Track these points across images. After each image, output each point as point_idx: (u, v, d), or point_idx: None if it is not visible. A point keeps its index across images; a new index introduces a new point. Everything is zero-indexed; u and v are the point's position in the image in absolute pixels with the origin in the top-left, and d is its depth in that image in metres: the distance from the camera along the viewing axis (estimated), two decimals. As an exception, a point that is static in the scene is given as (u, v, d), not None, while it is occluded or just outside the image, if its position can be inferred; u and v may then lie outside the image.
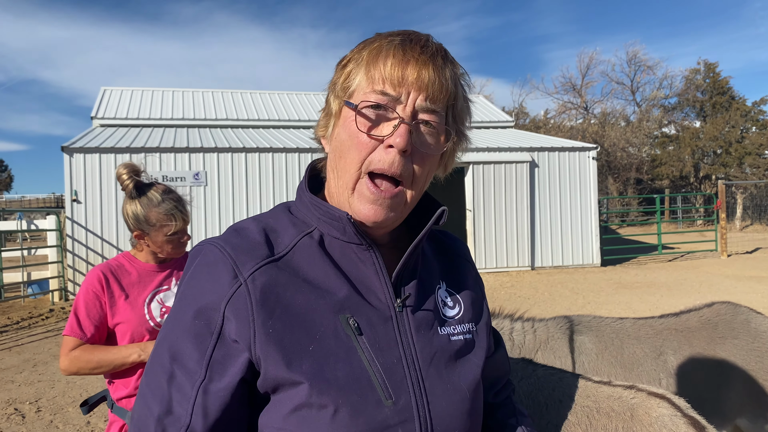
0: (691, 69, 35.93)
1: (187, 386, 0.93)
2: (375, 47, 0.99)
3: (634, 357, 2.38)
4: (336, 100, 1.03)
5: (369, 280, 1.02)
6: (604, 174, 32.39)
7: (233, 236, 1.02)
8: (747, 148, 30.72)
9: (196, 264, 1.01)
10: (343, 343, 0.96)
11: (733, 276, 12.98)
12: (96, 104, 18.46)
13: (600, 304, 10.11)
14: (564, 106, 40.20)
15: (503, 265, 14.70)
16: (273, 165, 13.61)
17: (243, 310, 0.93)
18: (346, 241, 1.03)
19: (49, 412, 5.48)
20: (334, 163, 1.04)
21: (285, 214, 1.09)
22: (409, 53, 0.97)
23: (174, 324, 0.98)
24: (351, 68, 1.01)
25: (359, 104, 0.98)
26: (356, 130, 0.98)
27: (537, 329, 2.43)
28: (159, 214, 2.30)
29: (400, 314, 1.02)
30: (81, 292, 2.29)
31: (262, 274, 0.96)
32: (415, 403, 0.97)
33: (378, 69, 0.97)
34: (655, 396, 1.42)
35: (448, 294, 1.15)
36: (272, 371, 0.92)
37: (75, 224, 12.28)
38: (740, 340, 2.44)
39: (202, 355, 0.93)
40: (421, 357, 1.01)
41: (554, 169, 15.28)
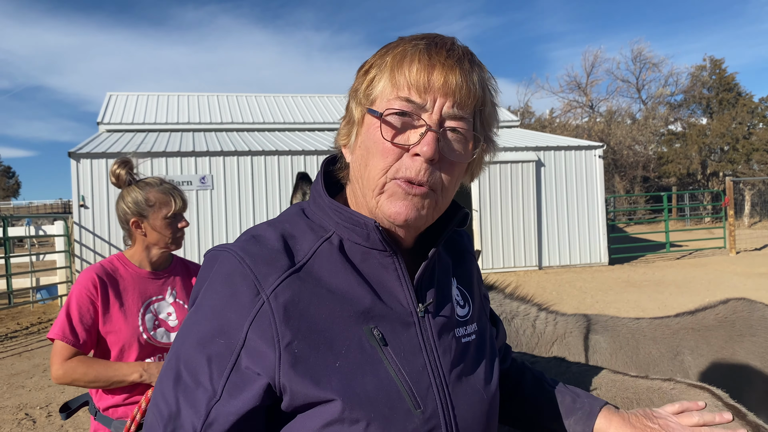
0: (696, 66, 35.88)
1: (201, 403, 0.90)
2: (399, 52, 0.96)
3: (650, 357, 2.36)
4: (358, 107, 1.00)
5: (391, 286, 1.00)
6: (611, 172, 32.29)
7: (251, 244, 0.98)
8: (754, 144, 30.58)
9: (213, 273, 0.97)
10: (368, 355, 0.94)
11: (742, 273, 12.91)
12: (102, 110, 18.55)
13: (608, 303, 10.06)
14: (569, 105, 40.12)
15: (510, 264, 14.66)
16: (279, 168, 13.62)
17: (267, 330, 0.90)
18: (369, 247, 1.00)
19: (60, 416, 5.49)
20: (358, 171, 1.00)
21: (301, 218, 1.05)
22: (435, 57, 0.94)
23: (192, 338, 0.94)
24: (374, 74, 0.98)
25: (384, 112, 0.94)
26: (381, 138, 0.94)
27: (558, 323, 2.46)
28: (158, 193, 2.27)
29: (423, 320, 1.01)
30: (74, 294, 2.21)
31: (284, 288, 0.93)
32: (442, 409, 0.96)
33: (402, 74, 0.94)
34: (696, 387, 1.41)
35: (459, 292, 1.14)
36: (301, 393, 0.90)
37: (83, 229, 12.33)
38: (759, 337, 2.41)
39: (220, 375, 0.90)
40: (443, 362, 1.00)
41: (560, 168, 15.24)
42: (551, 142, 16.03)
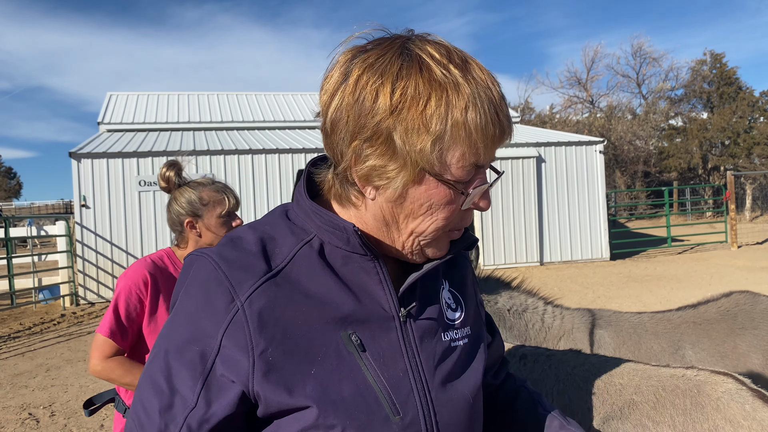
0: (697, 60, 35.81)
1: (178, 411, 0.90)
2: (470, 119, 0.88)
3: (651, 352, 2.36)
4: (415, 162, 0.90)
5: (372, 290, 0.98)
6: (612, 168, 32.26)
7: (228, 249, 0.97)
8: (755, 138, 30.53)
9: (190, 278, 0.97)
10: (345, 361, 0.93)
11: (744, 267, 12.90)
12: (102, 110, 18.55)
13: (610, 298, 10.06)
14: (570, 101, 40.08)
15: (512, 261, 14.66)
16: (280, 166, 13.62)
17: (241, 338, 0.89)
18: (349, 251, 0.97)
19: (63, 416, 5.51)
20: (396, 217, 0.96)
21: (283, 219, 1.03)
22: (500, 128, 0.92)
23: (169, 343, 0.94)
24: (439, 131, 0.88)
25: (470, 193, 0.93)
26: (450, 200, 0.93)
27: (564, 317, 2.48)
28: (211, 192, 2.28)
29: (405, 324, 0.99)
30: (123, 290, 2.19)
31: (259, 295, 0.91)
32: (423, 416, 0.95)
33: (478, 147, 0.90)
34: (719, 373, 1.43)
35: (451, 294, 1.12)
36: (275, 401, 0.90)
37: (84, 229, 12.34)
38: (761, 330, 2.41)
39: (194, 383, 0.90)
40: (426, 367, 0.98)
41: (561, 163, 15.23)
42: (552, 137, 16.01)
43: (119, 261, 12.50)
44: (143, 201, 12.70)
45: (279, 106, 20.30)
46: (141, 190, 12.69)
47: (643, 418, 1.42)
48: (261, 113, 19.38)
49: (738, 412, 1.31)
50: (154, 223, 12.70)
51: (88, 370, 2.17)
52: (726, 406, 1.33)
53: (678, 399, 1.41)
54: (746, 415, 1.29)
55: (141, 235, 12.63)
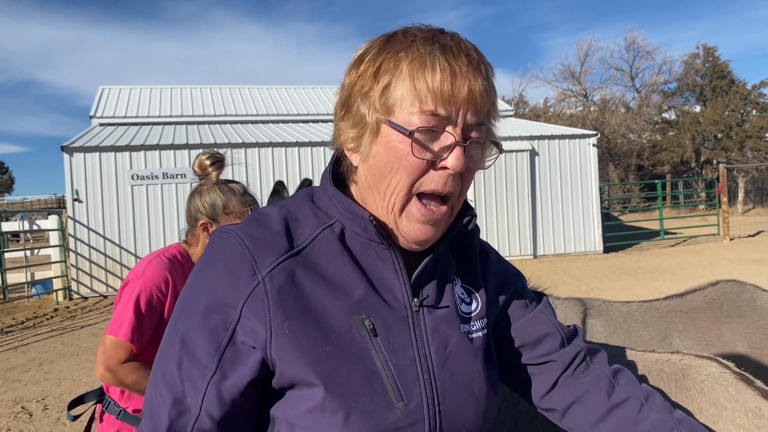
0: (690, 53, 35.89)
1: (198, 379, 0.93)
2: (415, 59, 0.92)
3: (641, 340, 2.38)
4: (373, 113, 0.95)
5: (387, 279, 1.01)
6: (605, 161, 32.34)
7: (254, 226, 1.00)
8: (748, 131, 30.66)
9: (213, 252, 0.99)
10: (357, 344, 0.95)
11: (736, 260, 12.98)
12: (95, 103, 18.47)
13: (603, 291, 10.11)
14: (563, 94, 40.11)
15: (505, 254, 14.69)
16: (273, 160, 13.60)
17: (260, 309, 0.93)
18: (368, 238, 1.00)
19: (56, 410, 5.51)
20: (372, 181, 0.98)
21: (308, 202, 1.06)
22: (456, 65, 0.91)
23: (188, 313, 0.97)
24: (388, 80, 0.93)
25: (413, 130, 0.91)
26: (408, 153, 0.92)
27: (556, 308, 2.47)
28: (238, 204, 2.23)
29: (417, 314, 1.01)
30: (143, 290, 2.07)
31: (280, 271, 0.95)
32: (426, 404, 0.96)
33: (425, 85, 0.91)
34: (703, 357, 1.46)
35: (465, 290, 1.13)
36: (288, 371, 0.92)
37: (77, 223, 12.30)
38: (745, 318, 2.43)
39: (215, 350, 0.93)
40: (435, 357, 1.00)
41: (555, 157, 15.26)
42: (545, 131, 16.04)
43: (112, 255, 12.47)
44: (136, 195, 12.66)
45: (272, 100, 20.25)
46: (134, 184, 12.65)
47: None
48: (254, 107, 19.33)
49: (722, 395, 1.33)
50: (147, 217, 12.67)
51: (95, 374, 2.05)
52: (710, 389, 1.35)
53: (663, 382, 1.43)
54: (730, 397, 1.32)
55: (134, 229, 12.60)
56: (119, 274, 12.49)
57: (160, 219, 12.73)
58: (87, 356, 7.46)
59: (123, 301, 2.09)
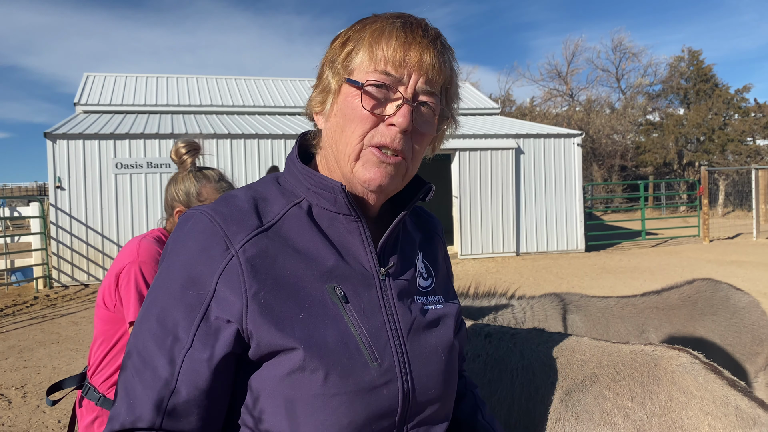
0: (675, 56, 36.22)
1: (175, 352, 0.95)
2: (377, 28, 1.02)
3: (619, 335, 2.44)
4: (335, 77, 1.05)
5: (355, 250, 1.06)
6: (589, 161, 32.60)
7: (223, 205, 1.04)
8: (729, 135, 31.05)
9: (185, 231, 1.03)
10: (330, 310, 1.00)
11: (714, 261, 13.18)
12: (79, 91, 18.26)
13: (584, 289, 10.22)
14: (550, 93, 40.34)
15: (489, 250, 14.79)
16: (258, 151, 13.56)
17: (235, 281, 0.96)
18: (335, 211, 1.06)
19: (36, 397, 5.48)
20: (332, 137, 1.06)
21: (274, 184, 1.11)
22: (411, 36, 1.00)
23: (163, 289, 0.99)
24: (352, 47, 1.03)
25: (365, 83, 1.00)
26: (360, 105, 1.00)
27: (534, 306, 2.51)
28: (211, 191, 2.24)
29: (384, 282, 1.07)
30: (142, 267, 2.09)
31: (252, 245, 0.99)
32: (398, 365, 1.02)
33: (381, 49, 1.00)
34: (674, 348, 1.52)
35: (424, 266, 1.20)
36: (265, 339, 0.95)
37: (59, 211, 12.19)
38: (719, 316, 2.50)
39: (190, 324, 0.96)
40: (402, 322, 1.06)
41: (539, 155, 15.37)
42: (531, 129, 16.14)
43: (94, 244, 12.37)
44: (119, 183, 12.57)
45: (259, 91, 20.16)
46: (117, 172, 12.56)
47: (604, 390, 1.49)
48: (241, 98, 19.24)
49: (691, 384, 1.38)
50: (131, 205, 12.58)
51: None
52: (680, 378, 1.41)
53: (636, 372, 1.48)
54: (699, 386, 1.37)
55: (117, 217, 12.51)
56: (101, 263, 12.40)
57: (143, 208, 12.65)
58: (67, 345, 7.41)
59: (127, 287, 2.10)
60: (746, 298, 2.60)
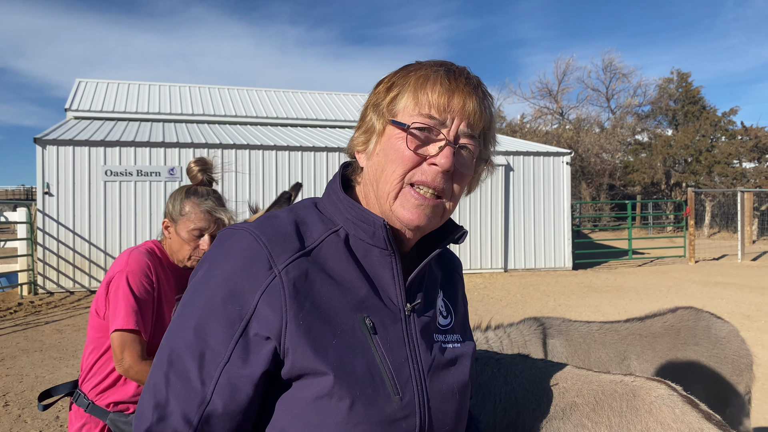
0: (664, 78, 36.66)
1: (212, 366, 0.97)
2: (422, 74, 1.07)
3: (600, 361, 2.46)
4: (380, 119, 1.09)
5: (386, 283, 1.10)
6: (578, 179, 32.82)
7: (267, 225, 1.07)
8: (716, 157, 31.40)
9: (227, 246, 1.05)
10: (359, 340, 1.03)
11: (699, 282, 13.29)
12: (70, 96, 18.21)
13: (570, 307, 10.28)
14: (540, 111, 40.65)
15: (477, 266, 14.84)
16: (250, 162, 13.57)
17: (276, 301, 0.99)
18: (371, 244, 1.09)
19: (17, 406, 5.42)
20: (374, 175, 1.10)
21: (313, 209, 1.15)
22: (454, 83, 1.06)
23: (202, 302, 1.01)
24: (397, 92, 1.08)
25: (410, 124, 1.05)
26: (403, 146, 1.05)
27: (511, 334, 2.48)
28: (194, 207, 2.25)
29: (409, 318, 1.10)
30: (131, 278, 2.10)
31: (294, 267, 1.02)
32: (418, 400, 1.05)
33: (426, 94, 1.05)
34: (654, 380, 1.56)
35: (444, 304, 1.23)
36: (300, 360, 0.98)
37: (46, 217, 12.11)
38: (701, 346, 2.54)
39: (230, 339, 0.98)
40: (424, 359, 1.09)
41: (529, 173, 15.48)
42: (521, 147, 16.26)
43: (81, 251, 12.29)
44: (109, 191, 12.52)
45: (252, 102, 20.19)
46: (107, 179, 12.51)
47: (583, 419, 1.52)
48: (233, 108, 19.25)
49: (668, 415, 1.42)
50: (119, 213, 12.52)
51: (120, 370, 2.05)
52: (658, 410, 1.44)
53: (615, 402, 1.51)
54: (675, 418, 1.41)
55: (105, 225, 12.44)
56: (87, 271, 12.31)
57: (132, 216, 12.60)
58: (50, 353, 7.35)
59: (115, 295, 2.12)
60: (726, 327, 2.64)
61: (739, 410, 2.55)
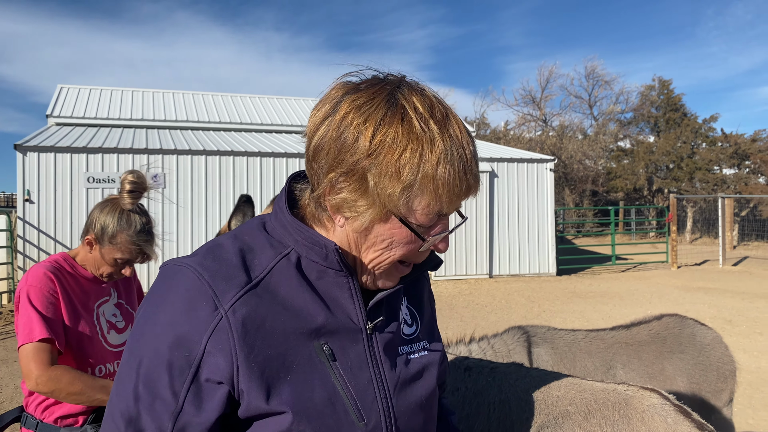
0: (646, 85, 37.02)
1: (164, 417, 0.93)
2: (438, 163, 0.93)
3: (585, 370, 2.46)
4: (390, 203, 0.95)
5: (344, 303, 1.05)
6: (561, 185, 33.05)
7: (210, 260, 1.00)
8: (697, 163, 31.77)
9: (170, 286, 0.99)
10: (317, 369, 0.99)
11: (682, 287, 13.42)
12: (52, 102, 18.01)
13: (555, 313, 10.32)
14: (524, 118, 40.91)
15: (462, 272, 14.87)
16: (234, 169, 13.50)
17: (225, 343, 0.94)
18: (325, 266, 1.03)
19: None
20: (358, 242, 1.03)
21: (261, 232, 1.08)
22: (470, 177, 0.97)
23: (148, 350, 0.96)
24: (411, 181, 0.93)
25: (428, 239, 1.00)
26: (410, 239, 1.00)
27: (494, 345, 2.47)
28: (126, 240, 2.15)
29: (371, 336, 1.06)
30: (32, 291, 2.03)
31: (242, 304, 0.96)
32: (384, 422, 1.03)
33: (449, 197, 0.96)
34: (646, 389, 1.56)
35: (408, 311, 1.20)
36: (255, 402, 0.95)
37: (27, 225, 11.95)
38: (686, 354, 2.55)
39: (180, 387, 0.93)
40: (389, 377, 1.06)
41: (513, 179, 15.56)
42: (505, 153, 16.35)
43: (63, 259, 12.12)
44: (91, 198, 12.38)
45: (237, 108, 20.11)
46: (89, 186, 12.38)
47: (575, 428, 1.52)
48: (218, 114, 19.16)
49: (660, 425, 1.42)
50: (102, 221, 12.37)
51: (29, 387, 1.98)
52: (650, 419, 1.45)
53: (608, 411, 1.52)
54: (668, 427, 1.41)
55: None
56: (69, 279, 12.14)
57: (114, 224, 12.45)
58: (31, 363, 7.22)
59: (18, 313, 2.06)
60: (711, 334, 2.66)
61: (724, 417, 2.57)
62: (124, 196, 2.16)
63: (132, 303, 2.43)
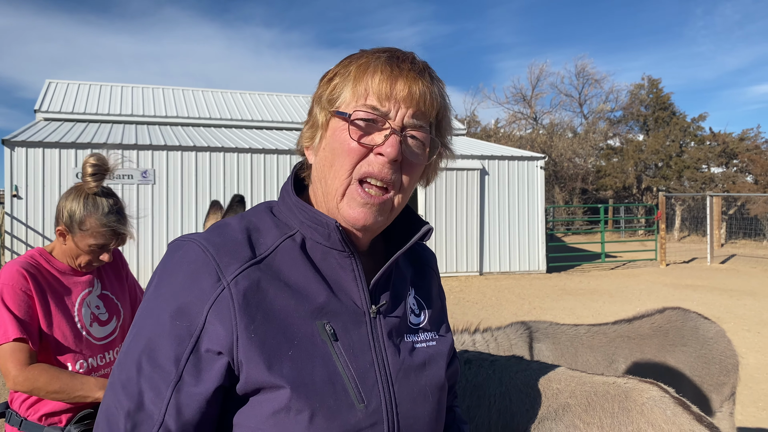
0: (635, 84, 37.26)
1: (162, 386, 0.93)
2: (362, 63, 1.02)
3: (587, 365, 2.46)
4: (323, 111, 1.05)
5: (347, 285, 1.05)
6: (551, 183, 33.19)
7: (216, 234, 1.02)
8: (686, 161, 32.01)
9: (175, 260, 1.00)
10: (319, 348, 0.99)
11: (670, 284, 13.51)
12: (40, 97, 17.86)
13: (545, 310, 10.36)
14: (514, 116, 41.03)
15: (452, 270, 14.90)
16: (225, 165, 13.44)
17: (226, 314, 0.94)
18: (329, 246, 1.04)
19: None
20: (321, 172, 1.05)
21: (268, 214, 1.10)
22: (397, 69, 1.00)
23: (151, 321, 0.97)
24: (337, 82, 1.03)
25: (352, 114, 0.99)
26: (347, 138, 1.00)
27: (497, 338, 2.48)
28: (96, 224, 2.09)
29: (374, 320, 1.06)
30: (2, 290, 1.97)
31: (244, 277, 0.97)
32: (385, 406, 1.01)
33: (366, 83, 1.00)
34: (646, 382, 1.57)
35: (416, 302, 1.19)
36: (254, 375, 0.94)
37: (15, 220, 11.84)
38: (689, 347, 2.56)
39: (179, 357, 0.93)
40: (391, 362, 1.05)
41: (503, 177, 15.60)
42: (496, 151, 16.39)
43: (51, 255, 12.03)
44: (80, 194, 12.27)
45: (227, 104, 20.02)
46: (78, 182, 12.26)
47: (575, 420, 1.52)
48: (208, 110, 19.07)
49: (660, 417, 1.43)
50: (91, 217, 12.28)
51: (11, 385, 1.94)
52: (650, 411, 1.45)
53: (607, 403, 1.52)
54: (667, 419, 1.42)
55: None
56: (57, 275, 12.05)
57: (103, 220, 12.36)
58: (20, 359, 7.16)
59: None
60: (714, 327, 2.67)
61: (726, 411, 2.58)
62: (87, 180, 2.11)
63: (120, 293, 2.36)
